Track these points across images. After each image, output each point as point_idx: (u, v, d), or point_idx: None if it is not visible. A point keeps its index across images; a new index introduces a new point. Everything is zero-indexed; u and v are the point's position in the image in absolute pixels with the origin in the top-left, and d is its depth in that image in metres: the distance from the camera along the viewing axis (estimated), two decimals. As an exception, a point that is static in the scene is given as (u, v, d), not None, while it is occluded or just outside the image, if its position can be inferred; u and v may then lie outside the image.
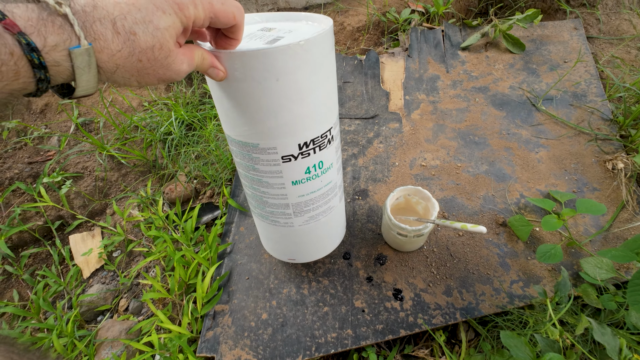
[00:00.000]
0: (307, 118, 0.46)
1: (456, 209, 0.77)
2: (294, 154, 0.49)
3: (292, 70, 0.40)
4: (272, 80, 0.40)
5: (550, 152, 0.83)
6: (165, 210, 0.92)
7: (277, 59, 0.39)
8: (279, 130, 0.46)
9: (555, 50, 1.02)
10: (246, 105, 0.44)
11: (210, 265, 0.76)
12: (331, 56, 0.45)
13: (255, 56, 0.38)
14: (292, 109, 0.44)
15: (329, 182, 0.57)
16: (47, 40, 0.25)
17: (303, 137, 0.48)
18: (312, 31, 0.45)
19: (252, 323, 0.70)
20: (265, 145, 0.48)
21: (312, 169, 0.52)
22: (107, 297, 0.81)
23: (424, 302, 0.67)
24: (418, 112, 0.95)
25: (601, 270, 0.62)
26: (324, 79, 0.45)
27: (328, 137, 0.51)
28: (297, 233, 0.63)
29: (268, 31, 0.46)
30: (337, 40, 1.21)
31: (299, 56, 0.39)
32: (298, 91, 0.43)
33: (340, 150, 0.59)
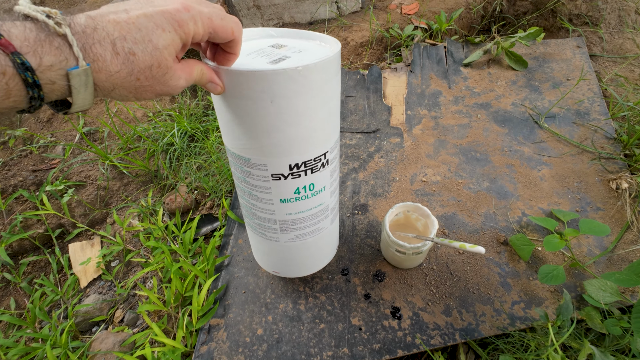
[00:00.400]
0: (300, 141, 0.46)
1: (457, 226, 0.76)
2: (284, 174, 0.49)
3: (287, 94, 0.40)
4: (267, 101, 0.40)
5: (553, 170, 0.82)
6: (164, 221, 0.92)
7: (272, 81, 0.39)
8: (271, 149, 0.46)
9: (558, 68, 1.02)
10: (241, 121, 0.44)
11: (207, 278, 0.75)
12: (334, 82, 0.45)
13: (251, 76, 0.38)
14: (285, 130, 0.44)
15: (319, 204, 0.56)
16: (42, 60, 0.25)
17: (294, 159, 0.47)
18: (319, 54, 0.45)
19: (247, 338, 0.69)
20: (257, 161, 0.48)
21: (302, 190, 0.52)
22: (103, 308, 0.80)
23: (423, 322, 0.66)
24: (420, 127, 0.95)
25: (605, 294, 0.60)
26: (323, 104, 0.45)
27: (322, 161, 0.50)
28: (283, 249, 0.63)
29: (278, 48, 0.47)
30: (340, 55, 1.23)
31: (295, 81, 0.39)
32: (293, 114, 0.43)
33: (338, 173, 0.59)
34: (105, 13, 0.28)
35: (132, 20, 0.28)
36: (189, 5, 0.32)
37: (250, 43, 0.49)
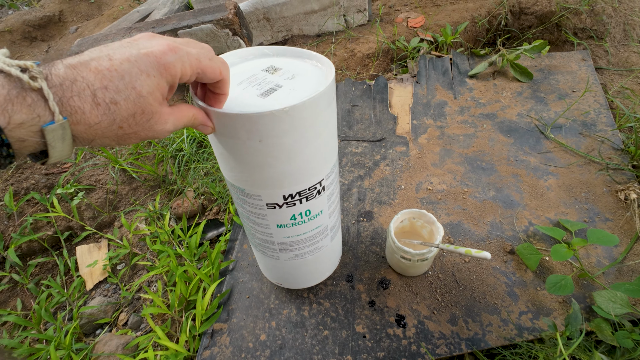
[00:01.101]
0: (293, 174, 0.46)
1: (462, 234, 0.76)
2: (279, 203, 0.49)
3: (276, 134, 0.40)
4: (255, 140, 0.40)
5: (560, 180, 0.82)
6: (171, 225, 0.93)
7: (259, 123, 0.38)
8: (263, 182, 0.46)
9: (564, 80, 1.03)
10: (232, 156, 0.45)
11: (211, 282, 0.75)
12: (328, 112, 0.44)
13: (238, 119, 0.38)
14: (276, 166, 0.44)
15: (317, 226, 0.56)
16: (12, 118, 0.23)
17: (288, 190, 0.47)
18: (312, 82, 0.43)
19: (250, 344, 0.68)
20: (251, 192, 0.48)
21: (298, 216, 0.52)
22: (108, 310, 0.81)
23: (428, 330, 0.65)
24: (425, 137, 0.96)
25: (616, 305, 0.59)
26: (315, 137, 0.44)
27: (318, 188, 0.50)
28: (283, 265, 0.64)
29: (272, 73, 0.46)
30: (347, 66, 1.25)
31: (283, 121, 0.38)
32: (284, 152, 0.42)
33: (337, 193, 0.58)
34: (88, 60, 0.27)
35: (114, 67, 0.27)
36: (176, 47, 0.30)
37: (245, 65, 0.48)
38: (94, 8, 1.88)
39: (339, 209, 0.63)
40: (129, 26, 1.17)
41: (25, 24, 1.70)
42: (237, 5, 1.07)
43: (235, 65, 0.49)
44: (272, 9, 1.26)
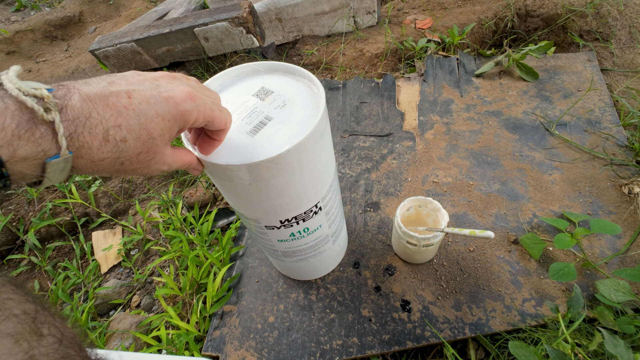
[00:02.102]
0: (286, 205, 0.48)
1: (467, 224, 0.78)
2: (277, 226, 0.52)
3: (264, 178, 0.41)
4: (245, 183, 0.41)
5: (564, 174, 0.83)
6: (183, 213, 0.96)
7: (246, 171, 0.39)
8: (258, 212, 0.49)
9: (569, 80, 1.05)
10: (225, 192, 0.47)
11: (222, 266, 0.78)
12: (317, 148, 0.43)
13: (222, 168, 0.39)
14: (268, 201, 0.46)
15: (317, 237, 0.59)
16: (16, 152, 0.22)
17: (284, 216, 0.50)
18: (304, 112, 0.43)
19: (259, 325, 0.70)
20: (249, 216, 0.51)
21: (297, 234, 0.55)
22: (121, 292, 0.84)
23: (432, 315, 0.66)
24: (432, 132, 0.98)
25: (618, 293, 0.60)
26: (307, 172, 0.44)
27: (314, 210, 0.52)
28: (288, 265, 0.67)
29: (262, 99, 0.46)
30: (356, 65, 1.29)
31: (270, 168, 0.39)
32: (274, 190, 0.43)
33: (338, 204, 0.60)
34: (106, 95, 0.26)
35: (132, 107, 0.26)
36: (195, 95, 0.30)
37: (236, 89, 0.49)
38: (112, 9, 1.95)
39: (341, 215, 0.65)
40: (147, 24, 1.22)
41: (47, 23, 1.78)
42: (251, 4, 1.12)
43: (226, 89, 0.49)
44: (284, 9, 1.31)
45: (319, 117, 0.41)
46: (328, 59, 1.32)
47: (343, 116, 1.08)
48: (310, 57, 1.34)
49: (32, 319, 0.24)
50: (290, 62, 1.35)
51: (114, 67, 1.28)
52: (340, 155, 0.97)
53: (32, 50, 1.72)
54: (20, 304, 0.25)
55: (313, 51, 1.34)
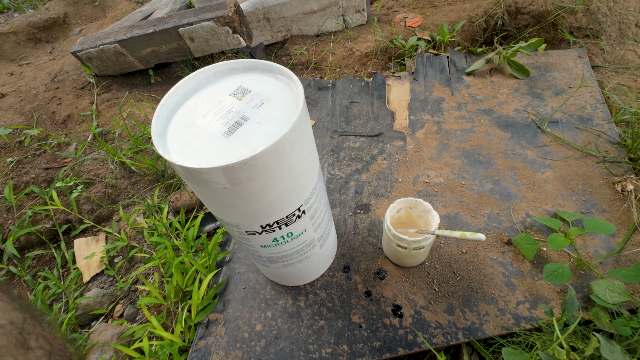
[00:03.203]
0: (266, 210, 0.45)
1: (459, 225, 0.76)
2: (258, 231, 0.49)
3: (240, 181, 0.39)
4: (220, 187, 0.39)
5: (557, 172, 0.82)
6: (169, 219, 0.93)
7: (219, 175, 0.37)
8: (237, 217, 0.47)
9: (560, 77, 1.04)
10: (202, 197, 0.45)
11: (208, 273, 0.75)
12: (296, 148, 0.41)
13: (198, 172, 0.37)
14: (246, 206, 0.44)
15: (302, 242, 0.57)
16: None
17: (264, 221, 0.47)
18: (282, 111, 0.41)
19: (246, 334, 0.68)
20: (229, 222, 0.49)
21: (280, 239, 0.53)
22: (104, 302, 0.80)
23: (425, 320, 0.64)
24: (422, 132, 0.97)
25: (613, 294, 0.59)
26: (286, 174, 0.42)
27: (297, 214, 0.50)
28: (274, 271, 0.65)
29: (239, 99, 0.44)
30: (345, 64, 1.27)
31: (245, 170, 0.37)
32: (251, 194, 0.41)
33: (324, 207, 0.58)
34: None
35: None
36: None
37: (212, 89, 0.47)
38: (97, 11, 1.91)
39: (328, 218, 0.63)
40: (131, 25, 1.19)
41: (30, 25, 1.73)
42: (237, 3, 1.09)
43: (202, 88, 0.47)
44: (272, 9, 1.28)
45: (297, 115, 0.39)
46: (317, 58, 1.30)
47: (333, 116, 1.06)
48: (300, 57, 1.32)
49: (19, 330, 0.22)
50: (279, 62, 1.33)
51: (97, 69, 1.24)
52: (329, 156, 0.95)
53: (15, 53, 1.67)
54: (7, 313, 0.22)
55: (302, 51, 1.32)
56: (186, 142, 0.41)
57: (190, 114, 0.44)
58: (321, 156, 0.96)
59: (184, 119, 0.44)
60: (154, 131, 0.42)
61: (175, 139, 0.42)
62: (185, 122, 0.44)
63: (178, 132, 0.43)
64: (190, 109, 0.45)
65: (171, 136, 0.42)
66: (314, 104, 1.11)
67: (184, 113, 0.45)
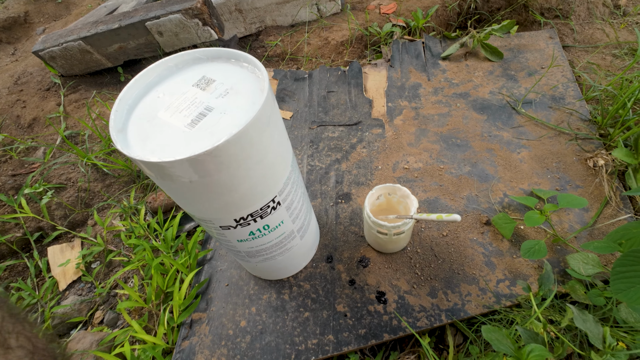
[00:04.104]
0: (238, 202, 0.44)
1: (440, 209, 0.76)
2: (232, 225, 0.48)
3: (207, 173, 0.37)
4: (185, 181, 0.38)
5: (532, 152, 0.83)
6: (147, 220, 0.91)
7: (182, 168, 0.35)
8: (208, 212, 0.45)
9: (532, 58, 1.05)
10: (169, 193, 0.43)
11: (189, 272, 0.74)
12: (266, 135, 0.40)
13: (159, 167, 0.35)
14: (216, 199, 0.42)
15: (280, 234, 0.56)
16: None
17: (238, 215, 0.46)
18: (247, 100, 0.39)
19: (230, 331, 0.67)
20: (201, 217, 0.47)
21: (257, 232, 0.51)
22: (82, 309, 0.78)
23: (408, 305, 0.65)
24: (400, 118, 0.96)
25: (587, 266, 0.60)
26: (256, 164, 0.40)
27: (272, 205, 0.49)
28: (255, 265, 0.64)
29: (203, 89, 0.42)
30: (321, 54, 1.25)
31: (209, 162, 0.35)
32: (220, 187, 0.40)
33: (301, 197, 0.57)
34: None
35: None
36: None
37: (174, 80, 0.45)
38: (61, 8, 1.82)
39: (307, 208, 0.62)
40: (95, 20, 1.14)
41: (-11, 26, 1.64)
42: (206, -6, 1.06)
43: (164, 80, 0.45)
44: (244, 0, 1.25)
45: (262, 103, 0.37)
46: (293, 49, 1.27)
47: (310, 107, 1.05)
48: (275, 49, 1.29)
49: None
50: (254, 54, 1.30)
51: (62, 69, 1.19)
52: (309, 147, 0.94)
53: (-27, 55, 1.58)
54: None
55: (277, 42, 1.29)
56: (148, 136, 0.39)
57: (151, 107, 0.42)
58: (300, 147, 0.94)
59: (146, 113, 0.42)
60: (113, 126, 0.40)
61: (136, 133, 0.40)
62: (146, 115, 0.42)
63: (139, 126, 0.41)
64: (151, 102, 0.43)
65: (132, 131, 0.40)
66: (291, 95, 1.09)
67: (145, 106, 0.43)
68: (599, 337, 0.42)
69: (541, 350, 0.40)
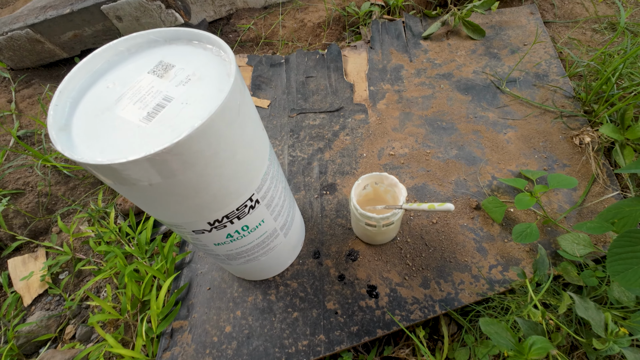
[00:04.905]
0: (209, 204, 0.39)
1: (428, 196, 0.73)
2: (206, 229, 0.43)
3: (169, 174, 0.32)
4: (145, 184, 0.33)
5: (518, 132, 0.81)
6: (118, 223, 0.84)
7: (137, 169, 0.30)
8: (177, 216, 0.40)
9: (515, 35, 1.02)
10: (129, 197, 0.37)
11: (166, 278, 0.68)
12: (235, 126, 0.35)
13: (109, 169, 0.30)
14: (185, 202, 0.37)
15: (262, 234, 0.51)
16: None
17: (211, 217, 0.41)
18: (216, 84, 0.34)
19: (215, 338, 0.63)
20: (170, 223, 0.42)
21: (235, 234, 0.47)
22: (50, 325, 0.71)
23: (401, 297, 0.62)
24: (384, 102, 0.92)
25: (579, 246, 0.59)
26: (226, 161, 0.36)
27: (249, 204, 0.44)
28: (238, 267, 0.59)
29: (161, 76, 0.37)
30: (298, 37, 1.18)
31: (173, 160, 0.31)
32: (187, 188, 0.35)
33: (282, 192, 0.53)
34: None
35: None
36: None
37: (126, 67, 0.39)
38: (9, -5, 1.65)
39: (290, 204, 0.58)
40: (44, 5, 1.03)
41: None
42: (167, -26, 0.96)
43: (114, 67, 0.39)
44: (211, -20, 1.16)
45: (228, 90, 0.32)
46: (267, 33, 1.20)
47: (289, 94, 0.99)
48: (248, 33, 1.21)
49: None
50: (225, 39, 1.22)
51: (10, 61, 1.07)
52: (289, 137, 0.89)
53: None
54: None
55: (250, 25, 1.21)
56: (96, 134, 0.34)
57: (100, 99, 0.36)
58: (280, 137, 0.89)
59: (93, 106, 0.36)
60: (52, 124, 0.34)
61: (82, 131, 0.34)
62: (94, 109, 0.36)
63: (85, 122, 0.35)
64: (100, 94, 0.37)
65: (77, 128, 0.34)
66: (267, 82, 1.03)
67: (92, 99, 0.37)
68: (601, 324, 0.40)
69: (543, 343, 0.38)
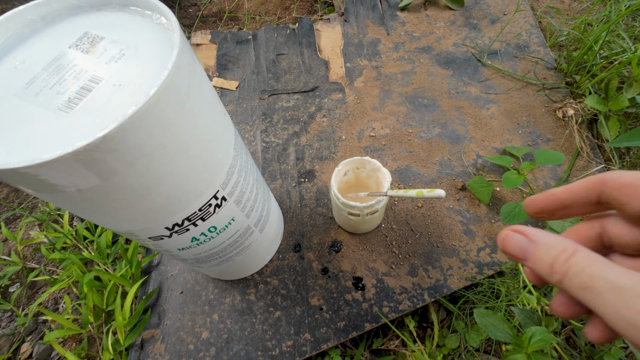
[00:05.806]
0: (165, 206, 0.33)
1: (412, 178, 0.70)
2: (165, 235, 0.37)
3: (100, 177, 0.25)
4: (72, 191, 0.26)
5: (501, 107, 0.78)
6: (74, 226, 0.75)
7: (57, 173, 0.23)
8: (126, 224, 0.33)
9: (494, 4, 0.98)
10: (61, 206, 0.30)
11: (132, 284, 0.62)
12: (188, 111, 0.28)
13: (18, 174, 0.23)
14: (132, 208, 0.31)
15: (234, 233, 0.46)
16: None
17: (169, 221, 0.35)
18: (157, 60, 0.28)
19: (191, 346, 0.57)
20: (120, 231, 0.35)
21: (201, 237, 0.41)
22: (2, 345, 0.64)
23: (388, 288, 0.59)
24: (361, 80, 0.86)
25: (566, 223, 0.57)
26: (178, 155, 0.29)
27: (214, 203, 0.38)
28: (211, 270, 0.54)
29: (86, 52, 0.29)
30: (265, 11, 1.08)
31: (103, 159, 0.24)
32: (129, 191, 0.28)
33: (254, 184, 0.47)
34: None
35: None
36: None
37: (42, 38, 0.31)
38: None
39: (265, 197, 0.52)
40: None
41: None
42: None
43: (25, 41, 0.31)
44: (163, -55, 1.02)
45: (172, 66, 0.25)
46: (231, 6, 1.09)
47: (259, 74, 0.91)
48: (210, 7, 1.10)
49: None
50: (185, 14, 1.10)
51: None
52: (261, 121, 0.82)
53: None
54: None
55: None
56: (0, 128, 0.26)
57: (6, 83, 0.28)
58: (251, 122, 0.82)
59: None
60: None
61: None
62: None
63: None
64: (5, 76, 0.29)
65: None
66: (234, 61, 0.94)
67: None
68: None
69: (543, 334, 0.35)
